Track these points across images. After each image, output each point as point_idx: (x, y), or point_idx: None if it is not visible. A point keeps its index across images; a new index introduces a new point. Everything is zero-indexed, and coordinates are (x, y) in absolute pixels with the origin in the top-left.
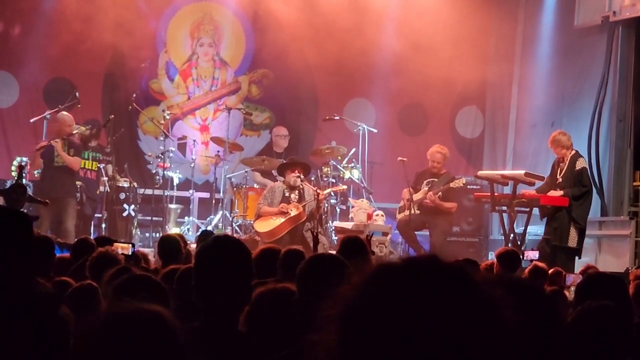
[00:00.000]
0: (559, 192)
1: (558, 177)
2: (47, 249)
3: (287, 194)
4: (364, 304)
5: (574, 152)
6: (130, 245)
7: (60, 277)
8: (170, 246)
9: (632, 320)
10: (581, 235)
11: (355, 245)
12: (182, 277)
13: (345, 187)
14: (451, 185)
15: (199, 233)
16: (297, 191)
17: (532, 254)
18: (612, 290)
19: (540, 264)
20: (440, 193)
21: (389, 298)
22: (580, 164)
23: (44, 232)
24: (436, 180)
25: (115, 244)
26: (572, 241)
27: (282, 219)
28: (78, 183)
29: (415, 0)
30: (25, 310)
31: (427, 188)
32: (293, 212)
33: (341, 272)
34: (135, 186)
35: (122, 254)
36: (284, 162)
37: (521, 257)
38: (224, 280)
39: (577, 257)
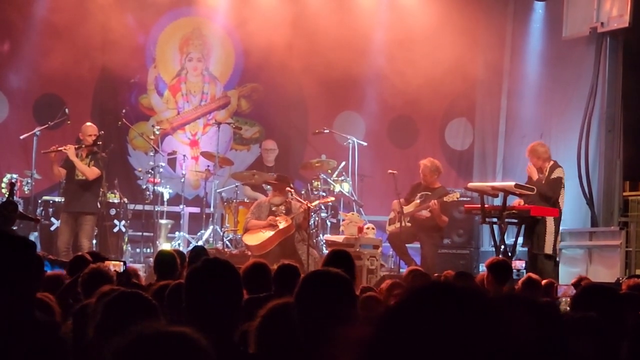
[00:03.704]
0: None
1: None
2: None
3: (273, 209)
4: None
5: (552, 162)
6: (122, 262)
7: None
8: (166, 262)
9: (620, 332)
10: (554, 242)
11: (341, 258)
12: (173, 293)
13: (333, 199)
14: (445, 199)
15: (190, 248)
16: (283, 206)
17: (519, 264)
18: (607, 302)
19: (534, 276)
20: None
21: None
22: (557, 173)
23: (64, 245)
24: (430, 193)
25: (107, 262)
26: (549, 248)
27: (271, 232)
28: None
29: (404, 15)
30: (24, 337)
31: (419, 201)
32: (282, 225)
33: (342, 290)
34: (126, 202)
35: (115, 270)
36: (274, 182)
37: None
38: (215, 301)
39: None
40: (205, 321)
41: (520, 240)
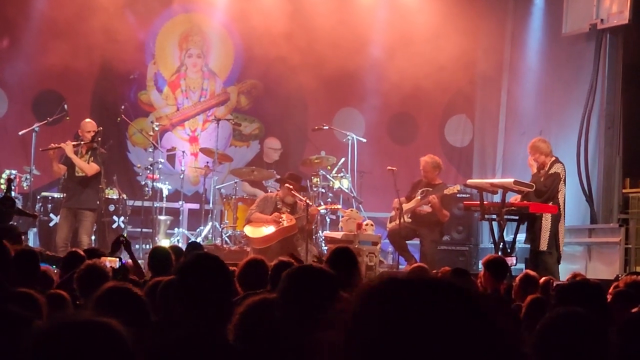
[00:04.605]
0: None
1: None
2: (31, 261)
3: (279, 206)
4: (370, 321)
5: (553, 158)
6: (117, 258)
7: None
8: (160, 258)
9: (606, 327)
10: (552, 239)
11: (345, 255)
12: (165, 289)
13: (340, 206)
14: (445, 191)
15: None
16: (290, 205)
17: (510, 260)
18: (590, 298)
19: (532, 273)
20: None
21: (397, 317)
22: (555, 168)
23: (62, 241)
24: (430, 189)
25: (103, 258)
26: (544, 244)
27: (273, 228)
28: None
29: (404, 12)
30: None
31: (420, 197)
32: (285, 223)
33: (325, 285)
34: (125, 198)
35: (110, 267)
36: (286, 179)
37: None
38: (205, 295)
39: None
40: (195, 315)
41: (522, 237)
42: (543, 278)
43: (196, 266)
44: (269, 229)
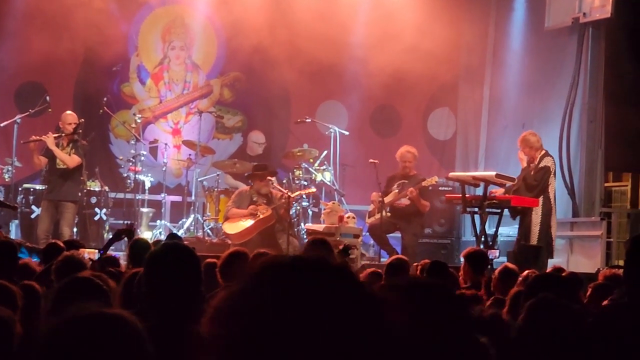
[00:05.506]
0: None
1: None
2: (10, 252)
3: (255, 199)
4: (247, 301)
5: (543, 151)
6: (96, 250)
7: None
8: (140, 250)
9: (583, 317)
10: (543, 233)
11: (320, 245)
12: (140, 281)
13: (314, 189)
14: (423, 184)
15: None
16: (265, 195)
17: (492, 253)
18: (560, 289)
19: (511, 266)
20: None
21: (272, 296)
22: (545, 162)
23: (43, 233)
24: (407, 182)
25: (82, 249)
26: (534, 238)
27: (251, 221)
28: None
29: (386, 4)
30: None
31: (397, 190)
32: (262, 214)
33: None
34: (107, 190)
35: (89, 258)
36: (253, 172)
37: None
38: (173, 286)
39: (548, 256)
40: (164, 306)
41: (506, 230)
42: (527, 271)
43: (164, 257)
44: (246, 223)
